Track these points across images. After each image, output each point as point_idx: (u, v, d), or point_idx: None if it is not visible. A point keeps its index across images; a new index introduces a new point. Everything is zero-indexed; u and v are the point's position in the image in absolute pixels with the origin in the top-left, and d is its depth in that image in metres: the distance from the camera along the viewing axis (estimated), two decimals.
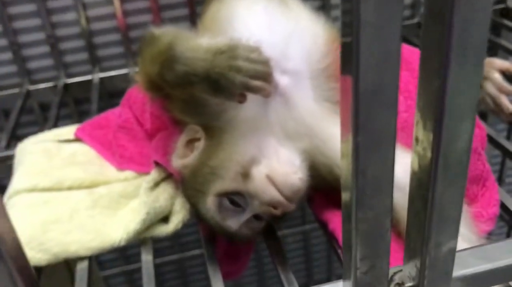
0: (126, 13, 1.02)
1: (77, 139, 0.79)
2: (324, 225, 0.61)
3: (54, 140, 0.79)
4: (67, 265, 0.72)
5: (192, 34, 0.58)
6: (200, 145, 0.59)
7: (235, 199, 0.56)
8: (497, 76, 0.72)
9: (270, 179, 0.54)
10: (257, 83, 0.52)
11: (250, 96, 0.55)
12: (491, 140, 0.75)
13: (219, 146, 0.57)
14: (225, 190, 0.55)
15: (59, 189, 0.68)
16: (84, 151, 0.76)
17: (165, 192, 0.64)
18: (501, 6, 1.14)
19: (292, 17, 0.63)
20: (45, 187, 0.68)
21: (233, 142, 0.57)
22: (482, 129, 0.70)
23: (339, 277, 0.44)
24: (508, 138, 1.31)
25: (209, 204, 0.56)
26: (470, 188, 0.63)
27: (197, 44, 0.54)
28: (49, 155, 0.75)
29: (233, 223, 0.56)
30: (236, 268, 0.71)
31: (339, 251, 0.57)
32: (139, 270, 1.31)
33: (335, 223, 0.58)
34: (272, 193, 0.54)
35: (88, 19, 1.02)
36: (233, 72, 0.51)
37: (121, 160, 0.72)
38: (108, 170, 0.72)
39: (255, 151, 0.56)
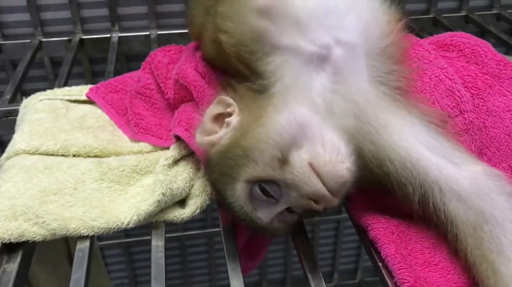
0: None
1: (89, 100, 0.71)
2: (361, 231, 0.53)
3: (63, 98, 0.71)
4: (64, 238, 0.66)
5: None
6: (232, 121, 0.51)
7: (267, 189, 0.48)
8: None
9: (313, 167, 0.46)
10: None
11: (293, 62, 0.48)
12: None
13: (254, 124, 0.49)
14: (258, 177, 0.47)
15: (64, 154, 0.60)
16: (95, 115, 0.68)
17: (185, 172, 0.56)
18: None
19: None
20: (48, 150, 0.60)
21: (270, 120, 0.48)
22: None
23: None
24: None
25: (239, 191, 0.48)
26: None
27: None
28: (56, 115, 0.67)
29: (264, 215, 0.48)
30: (252, 264, 0.63)
31: (380, 264, 0.49)
32: (137, 243, 1.29)
33: (378, 230, 0.50)
34: (316, 185, 0.46)
35: None
36: None
37: (136, 129, 0.64)
38: (121, 139, 0.64)
39: (296, 131, 0.47)
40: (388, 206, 0.53)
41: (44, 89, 0.74)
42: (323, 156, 0.46)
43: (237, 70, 0.54)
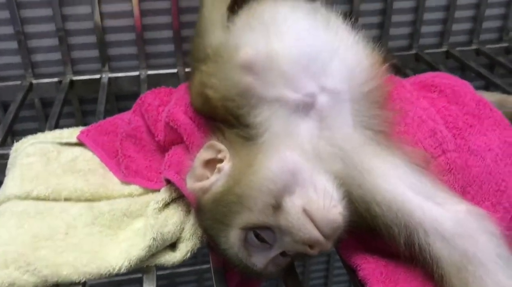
0: (143, 13, 0.96)
1: (80, 143, 0.72)
2: (351, 271, 0.53)
3: (54, 142, 0.71)
4: None
5: None
6: (224, 167, 0.52)
7: (261, 235, 0.48)
8: None
9: (307, 213, 0.47)
10: None
11: (280, 112, 0.51)
12: None
13: (246, 171, 0.50)
14: (253, 224, 0.48)
15: (55, 199, 0.61)
16: (86, 157, 0.69)
17: (175, 215, 0.57)
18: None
19: (337, 35, 0.57)
20: (39, 195, 0.61)
21: (262, 166, 0.49)
22: None
23: None
24: None
25: (233, 238, 0.49)
26: None
27: None
28: (47, 158, 0.68)
29: (259, 260, 0.49)
30: None
31: None
32: (127, 281, 1.27)
33: (367, 270, 0.51)
34: (311, 231, 0.46)
35: (102, 15, 0.95)
36: None
37: (126, 172, 0.65)
38: (112, 182, 0.65)
39: (287, 177, 0.48)
40: (376, 246, 0.54)
41: (34, 129, 0.75)
42: (317, 201, 0.47)
43: (226, 119, 0.55)
